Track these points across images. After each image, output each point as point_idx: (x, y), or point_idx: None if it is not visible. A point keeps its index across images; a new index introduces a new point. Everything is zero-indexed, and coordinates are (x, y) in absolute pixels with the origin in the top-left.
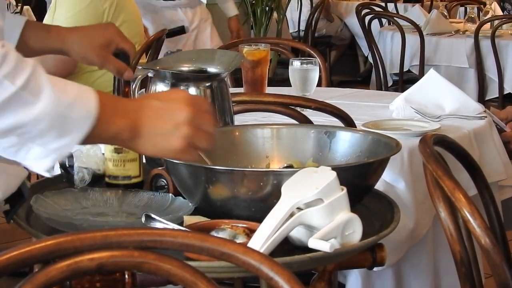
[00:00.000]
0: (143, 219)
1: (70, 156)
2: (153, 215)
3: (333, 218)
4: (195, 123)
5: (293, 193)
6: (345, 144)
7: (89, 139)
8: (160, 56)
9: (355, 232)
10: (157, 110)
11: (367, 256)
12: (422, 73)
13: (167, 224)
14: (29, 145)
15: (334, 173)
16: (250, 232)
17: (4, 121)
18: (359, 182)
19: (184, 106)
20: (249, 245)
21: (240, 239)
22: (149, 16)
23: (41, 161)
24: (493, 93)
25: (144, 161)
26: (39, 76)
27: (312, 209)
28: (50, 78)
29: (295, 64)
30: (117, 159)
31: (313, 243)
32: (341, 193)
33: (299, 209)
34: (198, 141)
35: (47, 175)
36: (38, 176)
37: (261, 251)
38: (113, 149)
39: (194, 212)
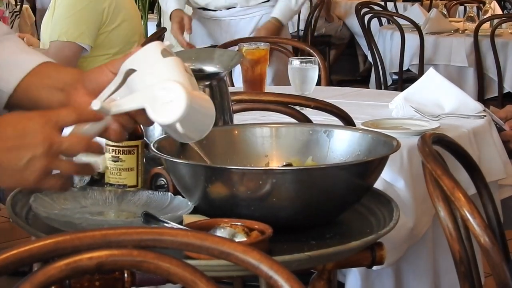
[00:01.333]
0: (142, 218)
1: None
2: (152, 214)
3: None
4: (52, 153)
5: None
6: (344, 143)
7: None
8: None
9: (173, 102)
10: (7, 141)
11: (366, 255)
12: (421, 72)
13: (166, 223)
14: None
15: (156, 43)
16: (249, 231)
17: None
18: (358, 181)
19: (38, 140)
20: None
21: (239, 238)
22: (196, 28)
23: None
24: (492, 92)
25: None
26: None
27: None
28: None
29: (295, 63)
30: (113, 167)
31: (93, 104)
32: (160, 59)
33: None
34: (57, 168)
35: None
36: None
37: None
38: (110, 157)
39: (193, 211)
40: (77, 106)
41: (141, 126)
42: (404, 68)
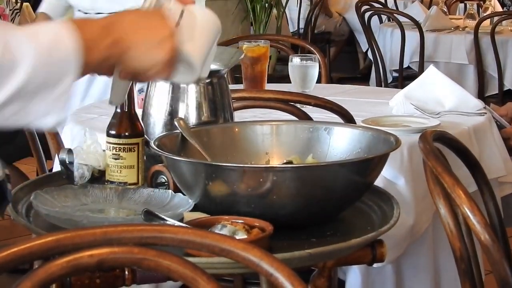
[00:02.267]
0: (142, 215)
1: (70, 153)
2: (152, 212)
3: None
4: (174, 38)
5: None
6: (344, 141)
7: (84, 71)
8: None
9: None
10: (136, 23)
11: (367, 252)
12: (421, 70)
13: (167, 220)
14: (30, 106)
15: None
16: (250, 229)
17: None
18: (358, 178)
19: (164, 24)
20: None
21: (240, 235)
22: None
23: (49, 116)
24: (492, 89)
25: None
26: (12, 38)
27: None
28: (24, 33)
29: (295, 60)
30: (114, 165)
31: None
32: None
33: None
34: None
35: (58, 128)
36: (37, 173)
37: None
38: (111, 155)
39: (194, 209)
40: None
41: (141, 123)
42: (405, 66)
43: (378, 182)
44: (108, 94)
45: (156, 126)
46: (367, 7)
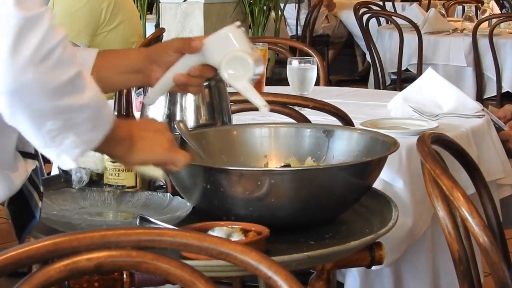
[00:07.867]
0: (137, 221)
1: None
2: (147, 217)
3: None
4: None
5: None
6: (343, 143)
7: (104, 141)
8: None
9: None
10: (141, 124)
11: (365, 255)
12: (420, 72)
13: (161, 225)
14: (67, 133)
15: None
16: (246, 232)
17: (63, 101)
18: (357, 181)
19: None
20: None
21: (235, 237)
22: None
23: (72, 150)
24: (491, 91)
25: None
26: (85, 70)
27: None
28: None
29: (293, 63)
30: (112, 168)
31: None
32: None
33: None
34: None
35: (72, 165)
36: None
37: None
38: (109, 158)
39: (192, 212)
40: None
41: None
42: (403, 68)
43: (377, 185)
44: None
45: None
46: (366, 9)
